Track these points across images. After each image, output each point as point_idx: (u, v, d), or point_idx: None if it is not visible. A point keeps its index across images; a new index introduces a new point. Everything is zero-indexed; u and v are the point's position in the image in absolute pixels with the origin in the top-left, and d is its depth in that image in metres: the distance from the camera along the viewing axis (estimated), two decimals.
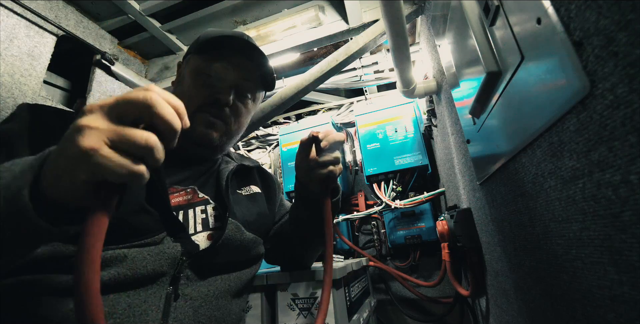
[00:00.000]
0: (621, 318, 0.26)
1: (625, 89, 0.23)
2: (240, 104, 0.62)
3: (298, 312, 0.67)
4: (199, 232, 0.55)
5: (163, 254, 0.46)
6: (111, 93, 1.27)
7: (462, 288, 0.92)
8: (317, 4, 1.23)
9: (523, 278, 0.49)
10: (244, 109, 0.63)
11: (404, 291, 1.46)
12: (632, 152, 0.22)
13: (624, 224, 0.24)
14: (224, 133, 0.60)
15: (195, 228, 0.55)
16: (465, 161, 0.76)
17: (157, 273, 0.46)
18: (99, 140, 0.27)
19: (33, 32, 1.02)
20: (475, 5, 0.48)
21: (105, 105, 0.29)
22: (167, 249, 0.47)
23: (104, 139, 0.27)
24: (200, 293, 0.50)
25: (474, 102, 0.52)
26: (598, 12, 0.24)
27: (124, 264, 0.43)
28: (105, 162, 0.27)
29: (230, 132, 0.62)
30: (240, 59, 0.60)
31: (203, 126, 0.57)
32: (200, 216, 0.56)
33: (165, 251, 0.46)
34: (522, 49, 0.36)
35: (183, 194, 0.56)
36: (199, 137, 0.57)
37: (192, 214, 0.55)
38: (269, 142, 1.99)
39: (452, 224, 0.86)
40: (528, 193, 0.41)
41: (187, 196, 0.57)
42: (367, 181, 1.45)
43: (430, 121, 1.29)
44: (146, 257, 0.44)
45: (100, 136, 0.27)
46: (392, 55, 0.87)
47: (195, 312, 0.48)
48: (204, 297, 0.50)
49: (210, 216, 0.57)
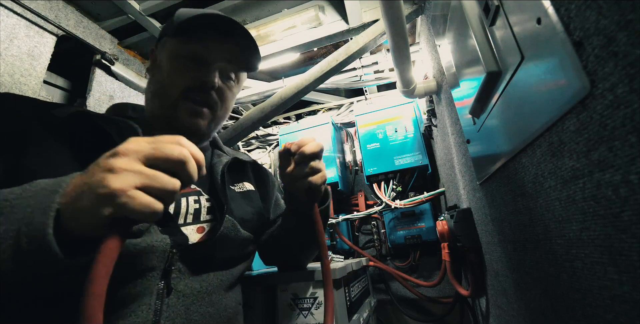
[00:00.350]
0: (621, 317, 0.26)
1: (626, 89, 0.23)
2: (225, 87, 0.59)
3: (298, 312, 0.67)
4: (189, 224, 0.52)
5: (151, 247, 0.43)
6: (111, 93, 1.27)
7: (462, 288, 0.92)
8: (317, 4, 1.23)
9: (523, 277, 0.49)
10: (229, 92, 0.60)
11: (404, 291, 1.46)
12: (632, 152, 0.22)
13: (624, 224, 0.24)
14: (211, 120, 0.58)
15: (185, 219, 0.52)
16: (465, 161, 0.76)
17: (146, 268, 0.43)
18: (131, 183, 0.29)
19: (33, 32, 1.02)
20: (475, 5, 0.48)
21: (142, 152, 0.31)
22: (156, 242, 0.44)
23: (136, 182, 0.30)
24: (193, 289, 0.48)
25: (474, 102, 0.52)
26: (598, 12, 0.24)
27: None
28: (133, 203, 0.29)
29: (217, 118, 0.60)
30: (220, 38, 0.56)
31: (188, 115, 0.55)
32: (193, 206, 0.54)
33: (154, 245, 0.44)
34: (522, 49, 0.36)
35: None
36: (184, 127, 0.55)
37: (184, 204, 0.53)
38: (269, 142, 1.99)
39: (452, 224, 0.86)
40: (528, 193, 0.41)
41: None
42: (367, 181, 1.45)
43: (430, 121, 1.29)
44: (132, 251, 0.41)
45: (133, 179, 0.30)
46: (392, 55, 0.87)
47: (187, 310, 0.46)
48: (196, 294, 0.48)
49: (203, 207, 0.55)
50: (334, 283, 0.71)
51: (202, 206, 0.55)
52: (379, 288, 1.53)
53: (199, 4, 1.19)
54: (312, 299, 0.67)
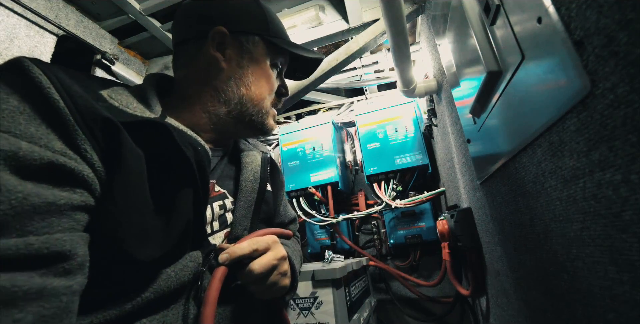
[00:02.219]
0: (621, 317, 0.26)
1: (626, 89, 0.23)
2: None
3: (298, 312, 0.67)
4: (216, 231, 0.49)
5: (187, 268, 0.39)
6: None
7: (462, 288, 0.92)
8: (317, 3, 1.23)
9: (523, 277, 0.49)
10: None
11: (404, 290, 1.46)
12: (632, 152, 0.22)
13: (625, 223, 0.24)
14: None
15: (212, 227, 0.48)
16: (466, 161, 0.76)
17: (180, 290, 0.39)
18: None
19: (33, 32, 1.02)
20: (475, 4, 0.48)
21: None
22: (189, 261, 0.40)
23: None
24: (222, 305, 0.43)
25: (475, 101, 0.52)
26: (599, 11, 0.24)
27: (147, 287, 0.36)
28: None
29: None
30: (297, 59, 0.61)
31: (273, 119, 0.58)
32: (218, 213, 0.49)
33: (189, 265, 0.40)
34: (523, 48, 0.36)
35: None
36: (270, 130, 0.57)
37: (209, 212, 0.47)
38: (269, 141, 1.99)
39: (452, 224, 0.86)
40: (528, 193, 0.41)
41: None
42: (368, 180, 1.45)
43: (430, 121, 1.29)
44: (170, 275, 0.37)
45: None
46: (393, 54, 0.87)
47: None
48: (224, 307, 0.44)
49: (228, 211, 0.51)
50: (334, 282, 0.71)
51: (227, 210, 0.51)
52: (379, 288, 1.53)
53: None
54: (312, 299, 0.67)
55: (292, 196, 1.58)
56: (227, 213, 0.51)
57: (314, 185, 1.52)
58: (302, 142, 1.65)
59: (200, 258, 0.42)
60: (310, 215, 1.51)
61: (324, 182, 1.51)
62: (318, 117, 1.85)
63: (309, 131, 1.66)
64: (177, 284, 0.38)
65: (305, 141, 1.64)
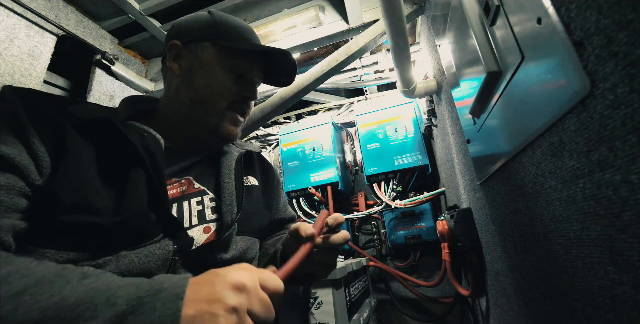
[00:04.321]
0: (621, 317, 0.26)
1: (626, 89, 0.23)
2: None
3: (298, 312, 0.67)
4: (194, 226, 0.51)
5: (153, 255, 0.42)
6: (111, 93, 1.27)
7: (462, 288, 0.92)
8: (317, 3, 1.23)
9: (523, 277, 0.49)
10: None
11: (404, 291, 1.46)
12: (632, 152, 0.22)
13: (625, 224, 0.24)
14: (241, 128, 0.62)
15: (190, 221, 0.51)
16: (466, 161, 0.76)
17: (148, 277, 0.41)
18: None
19: (33, 32, 1.02)
20: (475, 5, 0.48)
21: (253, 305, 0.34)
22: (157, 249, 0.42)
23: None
24: None
25: (474, 102, 0.52)
26: (598, 12, 0.24)
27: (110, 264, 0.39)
28: None
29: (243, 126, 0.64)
30: (258, 55, 0.60)
31: (231, 124, 0.58)
32: (196, 208, 0.53)
33: (156, 252, 0.42)
34: (523, 48, 0.36)
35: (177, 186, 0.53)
36: (227, 134, 0.58)
37: (186, 207, 0.52)
38: (269, 142, 1.99)
39: (452, 224, 0.86)
40: (528, 193, 0.41)
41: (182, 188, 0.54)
42: (367, 180, 1.45)
43: (430, 121, 1.29)
44: (133, 260, 0.40)
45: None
46: (392, 55, 0.87)
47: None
48: None
49: (207, 207, 0.54)
50: (334, 282, 0.71)
51: (205, 207, 0.54)
52: (379, 288, 1.53)
53: (200, 4, 1.20)
54: (312, 299, 0.67)
55: (292, 196, 1.58)
56: (206, 209, 0.54)
57: (314, 185, 1.52)
58: (302, 142, 1.65)
59: (170, 247, 0.44)
60: (310, 215, 1.51)
61: (323, 183, 1.51)
62: (318, 117, 1.85)
63: (309, 131, 1.66)
64: (141, 270, 0.41)
65: (305, 141, 1.64)
